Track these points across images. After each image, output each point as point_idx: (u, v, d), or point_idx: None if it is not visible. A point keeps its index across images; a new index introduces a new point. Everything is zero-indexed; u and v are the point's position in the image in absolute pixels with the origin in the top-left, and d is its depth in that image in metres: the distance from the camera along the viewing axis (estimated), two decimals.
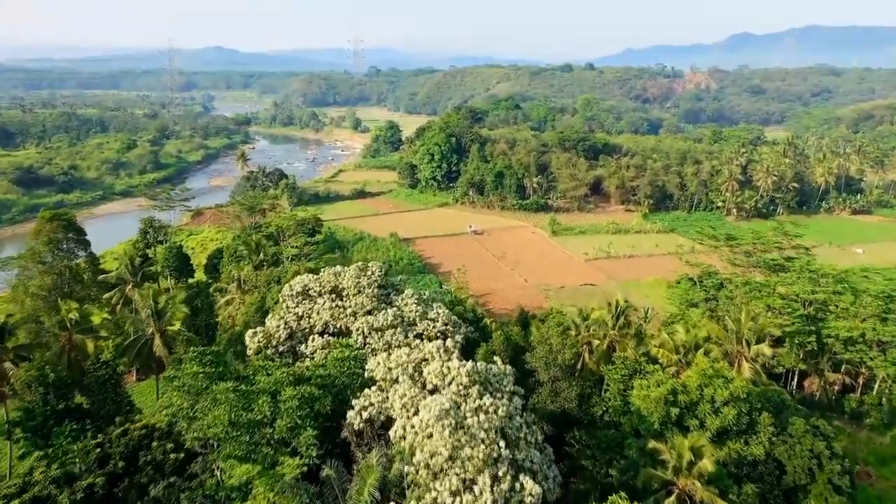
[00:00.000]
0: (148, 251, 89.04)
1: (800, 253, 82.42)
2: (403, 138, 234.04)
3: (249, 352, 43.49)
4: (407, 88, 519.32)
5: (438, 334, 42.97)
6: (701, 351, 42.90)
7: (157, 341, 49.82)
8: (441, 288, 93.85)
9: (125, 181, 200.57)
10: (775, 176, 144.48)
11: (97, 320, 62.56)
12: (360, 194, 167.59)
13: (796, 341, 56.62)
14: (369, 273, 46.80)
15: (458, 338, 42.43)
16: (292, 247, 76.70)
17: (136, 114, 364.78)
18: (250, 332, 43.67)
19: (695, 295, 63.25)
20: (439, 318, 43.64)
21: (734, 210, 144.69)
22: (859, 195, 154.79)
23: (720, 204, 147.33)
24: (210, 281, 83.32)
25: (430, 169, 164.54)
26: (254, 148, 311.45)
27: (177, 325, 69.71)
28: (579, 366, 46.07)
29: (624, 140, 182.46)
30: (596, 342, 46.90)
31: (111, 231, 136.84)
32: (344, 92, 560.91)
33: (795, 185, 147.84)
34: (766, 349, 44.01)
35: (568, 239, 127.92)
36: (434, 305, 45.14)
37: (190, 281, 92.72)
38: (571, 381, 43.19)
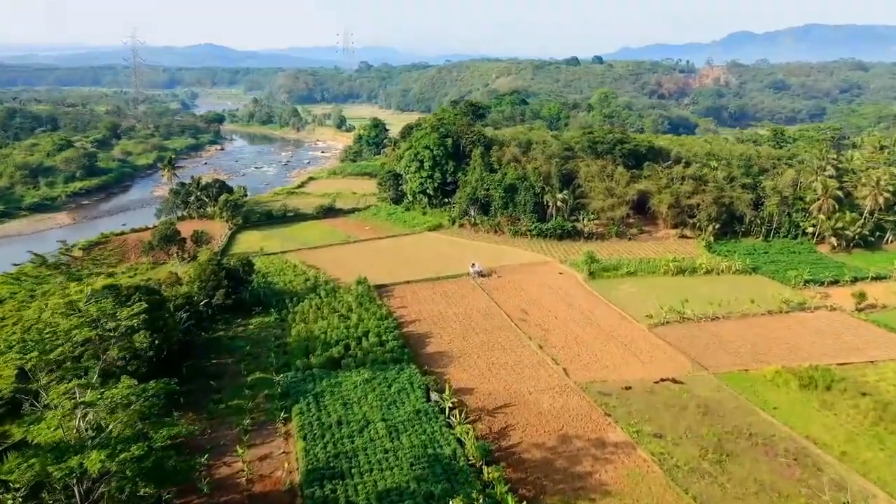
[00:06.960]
0: None
1: None
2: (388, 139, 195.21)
3: None
4: (399, 85, 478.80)
5: None
6: None
7: None
8: (429, 402, 55.06)
9: (42, 191, 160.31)
10: (888, 192, 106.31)
11: None
12: (329, 212, 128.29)
13: None
14: None
15: None
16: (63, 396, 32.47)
17: (98, 111, 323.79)
18: None
19: None
20: None
21: (831, 238, 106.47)
22: None
23: (809, 229, 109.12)
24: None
25: (418, 179, 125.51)
26: (222, 149, 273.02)
27: None
28: None
29: (668, 142, 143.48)
30: None
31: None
32: (333, 88, 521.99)
33: None
34: None
35: (612, 284, 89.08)
36: None
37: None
38: None
